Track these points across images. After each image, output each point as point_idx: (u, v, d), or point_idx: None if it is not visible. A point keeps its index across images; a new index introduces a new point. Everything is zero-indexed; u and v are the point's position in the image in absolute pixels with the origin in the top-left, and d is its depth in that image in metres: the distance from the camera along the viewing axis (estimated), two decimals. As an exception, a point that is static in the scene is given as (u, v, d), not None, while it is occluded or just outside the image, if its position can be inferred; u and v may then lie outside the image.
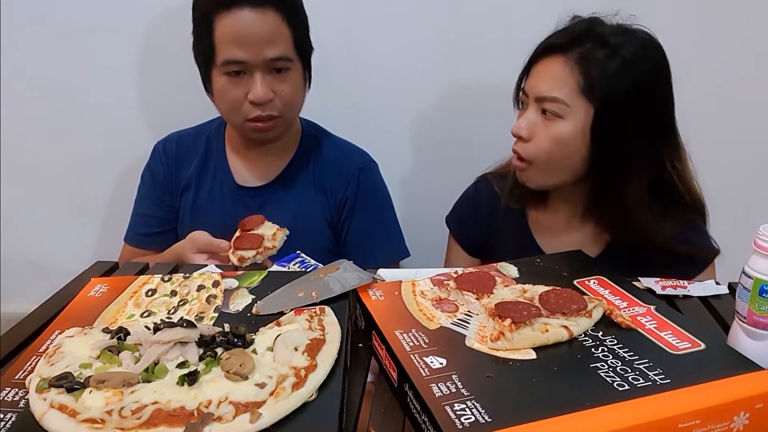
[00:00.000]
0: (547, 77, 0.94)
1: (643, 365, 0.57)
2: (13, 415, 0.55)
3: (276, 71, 1.06)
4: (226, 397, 0.54)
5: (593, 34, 0.92)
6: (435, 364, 0.58)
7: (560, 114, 0.92)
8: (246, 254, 0.95)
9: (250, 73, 1.04)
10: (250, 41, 1.01)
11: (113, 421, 0.52)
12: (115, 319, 0.72)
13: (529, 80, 0.97)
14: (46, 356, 0.62)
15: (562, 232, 1.06)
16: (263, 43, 1.02)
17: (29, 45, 1.41)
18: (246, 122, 1.08)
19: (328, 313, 0.70)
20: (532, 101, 0.95)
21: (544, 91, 0.93)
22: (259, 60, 1.03)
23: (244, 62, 1.02)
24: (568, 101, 0.92)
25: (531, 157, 0.96)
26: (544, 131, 0.94)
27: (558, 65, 0.92)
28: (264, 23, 1.02)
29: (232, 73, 1.04)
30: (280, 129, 1.12)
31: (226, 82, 1.05)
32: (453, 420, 0.50)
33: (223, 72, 1.04)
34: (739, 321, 0.67)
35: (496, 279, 0.76)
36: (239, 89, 1.05)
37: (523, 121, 0.96)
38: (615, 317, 0.66)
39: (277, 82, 1.06)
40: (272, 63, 1.04)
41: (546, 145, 0.95)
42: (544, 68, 0.94)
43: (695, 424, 0.51)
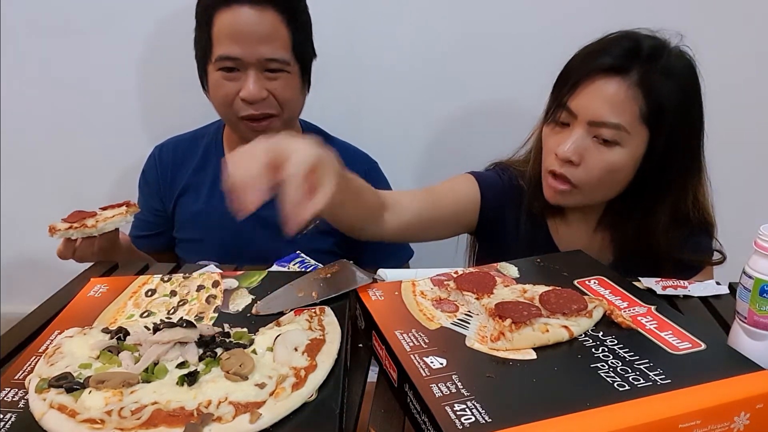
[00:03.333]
0: (605, 101, 0.86)
1: (643, 365, 0.57)
2: (12, 415, 0.55)
3: (270, 71, 1.05)
4: (225, 398, 0.54)
5: (654, 56, 0.86)
6: (435, 364, 0.58)
7: (618, 141, 0.87)
8: (58, 225, 0.96)
9: (243, 70, 1.04)
10: (246, 38, 1.01)
11: (113, 422, 0.52)
12: (115, 319, 0.72)
13: (579, 99, 0.88)
14: (45, 356, 0.62)
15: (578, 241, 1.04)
16: (259, 42, 1.02)
17: (29, 45, 1.41)
18: (240, 120, 1.07)
19: (328, 313, 0.70)
20: (582, 123, 0.88)
21: (603, 116, 0.86)
22: (252, 58, 1.02)
23: (238, 59, 1.02)
24: (629, 128, 0.86)
25: (578, 182, 0.90)
26: (596, 157, 0.88)
27: (618, 88, 0.85)
28: (262, 21, 1.02)
29: (226, 69, 1.04)
30: (277, 128, 1.11)
31: (220, 78, 1.04)
32: (453, 420, 0.50)
33: (217, 67, 1.04)
34: (740, 321, 0.67)
35: (496, 279, 0.75)
36: (232, 85, 1.04)
37: (571, 143, 0.88)
38: (615, 317, 0.66)
39: (271, 81, 1.05)
40: (266, 63, 1.04)
41: (597, 172, 0.89)
42: (600, 90, 0.86)
43: (696, 424, 0.51)
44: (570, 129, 0.90)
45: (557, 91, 0.94)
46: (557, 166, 0.91)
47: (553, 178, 0.93)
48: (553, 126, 0.93)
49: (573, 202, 0.96)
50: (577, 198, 0.94)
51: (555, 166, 0.92)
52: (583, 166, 0.89)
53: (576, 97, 0.88)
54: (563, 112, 0.90)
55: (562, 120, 0.91)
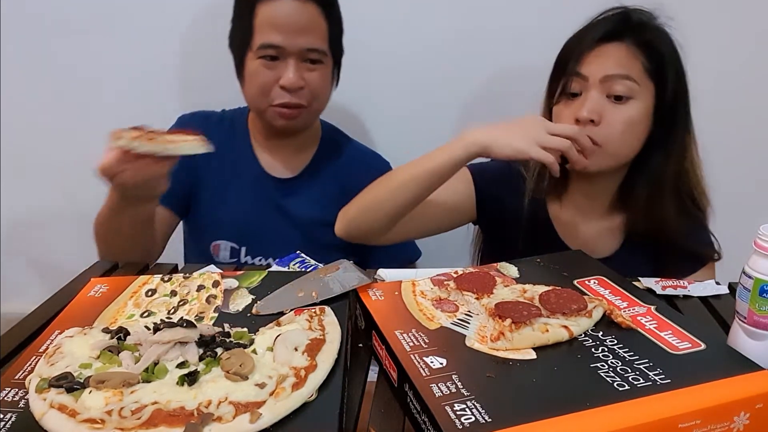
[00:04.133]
0: (612, 59, 0.93)
1: (643, 365, 0.57)
2: (13, 415, 0.55)
3: (308, 62, 1.09)
4: (226, 397, 0.54)
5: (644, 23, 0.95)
6: (435, 364, 0.58)
7: (631, 95, 0.93)
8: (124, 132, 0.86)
9: (283, 59, 1.08)
10: (288, 28, 1.06)
11: (113, 421, 0.52)
12: (115, 319, 0.72)
13: (587, 64, 0.94)
14: (46, 356, 0.62)
15: (581, 227, 1.07)
16: (301, 32, 1.06)
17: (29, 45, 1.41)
18: (271, 107, 1.10)
19: (328, 313, 0.70)
20: (596, 83, 0.93)
21: (613, 69, 0.92)
22: (294, 47, 1.06)
23: (281, 47, 1.06)
24: (638, 80, 0.93)
25: (603, 141, 0.94)
26: (614, 113, 0.93)
27: (620, 50, 0.93)
28: (304, 13, 1.07)
29: (267, 58, 1.07)
30: (304, 120, 1.15)
31: (260, 66, 1.08)
32: (453, 420, 0.50)
33: (258, 55, 1.08)
34: (740, 321, 0.67)
35: (496, 279, 0.75)
36: (271, 73, 1.08)
37: (588, 103, 0.93)
38: (615, 317, 0.66)
39: (308, 71, 1.10)
40: (306, 53, 1.08)
41: (618, 127, 0.93)
42: (605, 52, 0.94)
43: (695, 424, 0.51)
44: (583, 95, 0.95)
45: (558, 72, 0.99)
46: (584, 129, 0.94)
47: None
48: (564, 101, 0.98)
49: (600, 164, 0.96)
50: (604, 158, 0.96)
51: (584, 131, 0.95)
52: (604, 124, 0.93)
53: (583, 64, 0.94)
54: (573, 80, 0.95)
55: (573, 90, 0.96)
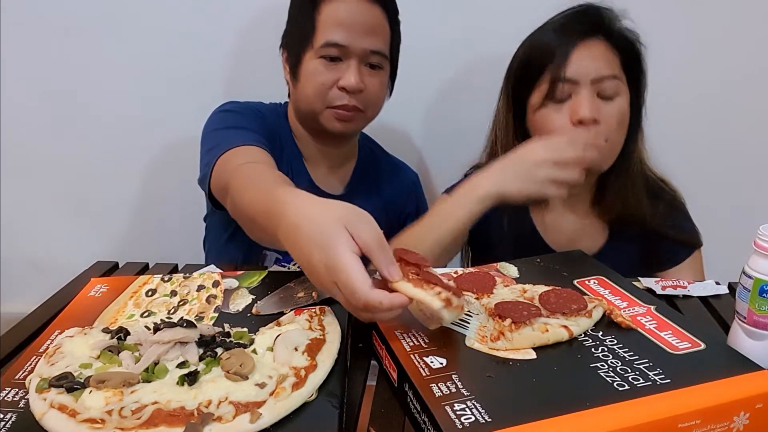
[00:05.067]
0: (598, 58, 0.94)
1: (643, 365, 0.57)
2: (13, 415, 0.55)
3: (369, 66, 1.07)
4: (226, 397, 0.54)
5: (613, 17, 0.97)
6: (435, 364, 0.58)
7: (618, 92, 0.95)
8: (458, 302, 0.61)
9: (345, 59, 1.05)
10: (354, 28, 1.03)
11: (113, 421, 0.52)
12: (115, 319, 0.72)
13: (574, 66, 0.94)
14: (46, 356, 0.62)
15: (567, 230, 1.08)
16: (366, 33, 1.04)
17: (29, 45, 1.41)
18: (328, 108, 1.07)
19: (328, 313, 0.70)
20: (586, 85, 0.94)
21: (603, 70, 0.93)
22: (358, 48, 1.04)
23: (344, 47, 1.03)
24: (620, 77, 0.95)
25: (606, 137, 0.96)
26: (607, 111, 0.94)
27: (600, 47, 0.95)
28: (370, 14, 1.05)
29: (329, 58, 1.04)
30: (357, 125, 1.12)
31: (320, 65, 1.05)
32: (453, 420, 0.50)
33: (319, 55, 1.05)
34: (739, 321, 0.67)
35: (496, 279, 0.76)
36: (331, 74, 1.05)
37: (587, 105, 0.93)
38: (615, 317, 0.66)
39: (369, 75, 1.07)
40: (369, 56, 1.06)
41: (614, 124, 0.95)
42: (590, 51, 0.94)
43: (695, 424, 0.51)
44: (575, 96, 0.94)
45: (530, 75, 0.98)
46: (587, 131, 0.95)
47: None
48: (550, 105, 0.96)
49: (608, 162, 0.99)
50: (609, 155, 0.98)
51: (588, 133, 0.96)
52: (603, 123, 0.94)
53: (570, 65, 0.94)
54: (560, 84, 0.94)
55: (561, 95, 0.95)
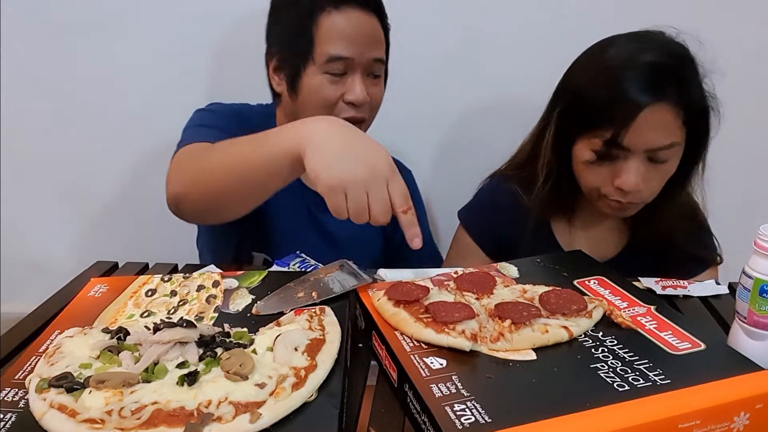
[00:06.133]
0: (658, 128, 0.88)
1: (643, 365, 0.57)
2: (13, 415, 0.55)
3: (370, 76, 1.07)
4: (226, 397, 0.54)
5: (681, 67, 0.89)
6: (435, 364, 0.58)
7: (673, 156, 0.91)
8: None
9: (350, 73, 1.04)
10: (357, 39, 1.02)
11: (113, 422, 0.52)
12: (115, 319, 0.72)
13: (630, 135, 0.87)
14: (46, 356, 0.62)
15: (586, 235, 1.08)
16: (368, 43, 1.04)
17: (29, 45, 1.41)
18: None
19: (328, 313, 0.70)
20: (639, 153, 0.89)
21: (659, 142, 0.88)
22: (363, 59, 1.03)
23: (350, 59, 1.02)
24: (680, 140, 0.90)
25: (644, 201, 0.95)
26: (655, 176, 0.92)
27: (663, 114, 0.87)
28: (370, 24, 1.04)
29: (334, 72, 1.03)
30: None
31: (325, 80, 1.03)
32: (453, 420, 0.50)
33: (323, 70, 1.03)
34: (740, 321, 0.67)
35: (496, 279, 0.75)
36: (337, 88, 1.04)
37: (634, 176, 0.90)
38: (615, 317, 0.66)
39: (371, 85, 1.07)
40: (372, 65, 1.05)
41: (658, 186, 0.94)
42: (649, 121, 0.87)
43: (695, 424, 0.51)
44: (624, 161, 0.91)
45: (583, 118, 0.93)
46: (620, 196, 0.93)
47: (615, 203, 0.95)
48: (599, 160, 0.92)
49: (634, 212, 0.99)
50: (637, 207, 0.97)
51: (618, 197, 0.94)
52: (646, 188, 0.92)
53: (626, 136, 0.88)
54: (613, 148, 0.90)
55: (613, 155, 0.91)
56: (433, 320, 0.63)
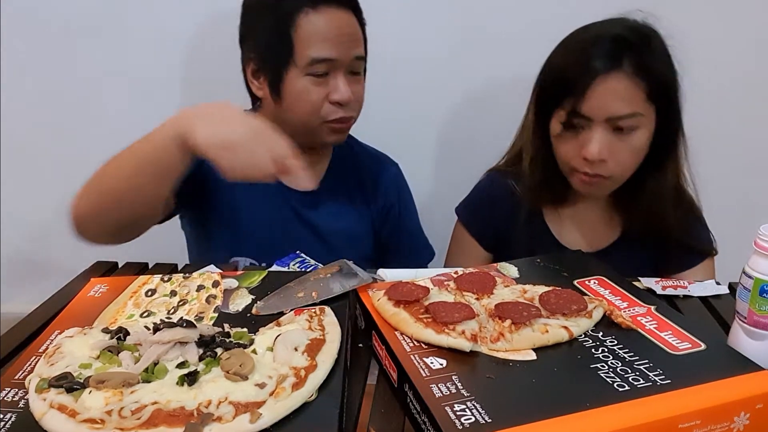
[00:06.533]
0: (616, 96, 0.90)
1: (643, 366, 0.57)
2: (13, 415, 0.55)
3: (352, 74, 1.05)
4: (226, 397, 0.54)
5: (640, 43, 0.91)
6: (435, 364, 0.58)
7: (638, 125, 0.92)
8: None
9: (333, 73, 1.03)
10: (339, 39, 1.01)
11: (113, 422, 0.52)
12: (115, 319, 0.72)
13: (589, 103, 0.90)
14: (45, 356, 0.62)
15: (580, 224, 1.09)
16: (349, 42, 1.02)
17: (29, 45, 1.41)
18: (325, 123, 1.05)
19: (328, 313, 0.70)
20: (600, 122, 0.91)
21: (618, 110, 0.90)
22: (346, 58, 1.02)
23: (333, 60, 1.01)
24: (642, 111, 0.91)
25: (611, 174, 0.95)
26: (622, 147, 0.93)
27: (621, 82, 0.89)
28: (348, 23, 1.03)
29: (317, 74, 1.01)
30: (348, 131, 1.12)
31: (309, 83, 1.02)
32: (453, 420, 0.50)
33: (306, 72, 1.01)
34: (740, 321, 0.67)
35: (496, 279, 0.75)
36: (321, 90, 1.02)
37: (596, 144, 0.91)
38: (615, 317, 0.66)
39: (354, 83, 1.06)
40: (353, 63, 1.04)
41: (627, 159, 0.94)
42: (607, 88, 0.90)
43: (695, 424, 0.51)
44: (588, 130, 0.93)
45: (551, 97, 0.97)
46: (588, 167, 0.94)
47: (584, 175, 0.96)
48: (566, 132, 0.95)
49: (607, 189, 1.00)
50: (609, 185, 0.98)
51: (585, 168, 0.95)
52: (612, 159, 0.93)
53: (586, 102, 0.91)
54: (576, 118, 0.92)
55: (577, 125, 0.93)
56: (433, 320, 0.63)
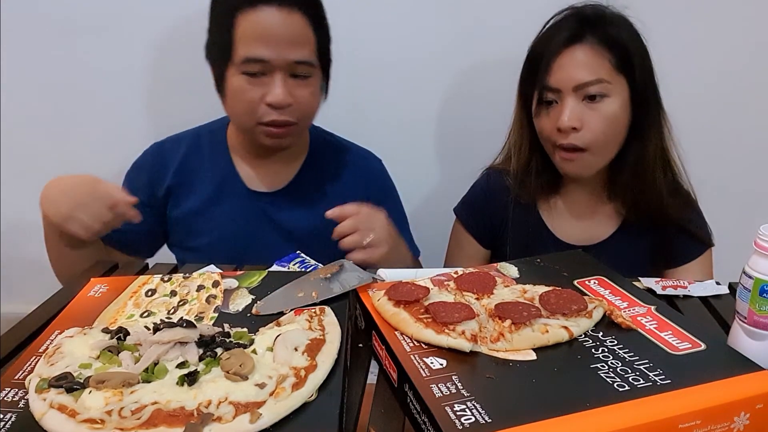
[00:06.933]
0: (579, 65, 0.95)
1: (643, 366, 0.57)
2: (13, 415, 0.55)
3: (296, 77, 1.02)
4: (225, 398, 0.54)
5: (602, 17, 0.96)
6: (435, 364, 0.58)
7: (606, 93, 0.95)
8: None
9: (269, 74, 1.00)
10: (274, 40, 0.98)
11: (113, 422, 0.52)
12: (115, 319, 0.72)
13: (555, 75, 0.96)
14: (45, 356, 0.62)
15: (576, 217, 1.10)
16: (287, 44, 0.99)
17: (29, 45, 1.41)
18: (259, 125, 1.03)
19: (328, 313, 0.70)
20: (569, 92, 0.96)
21: (583, 77, 0.94)
22: (281, 61, 0.99)
23: (266, 61, 0.99)
24: (610, 79, 0.95)
25: (587, 144, 0.97)
26: (593, 115, 0.96)
27: (584, 52, 0.95)
28: (290, 24, 0.99)
29: (251, 74, 1.00)
30: (293, 138, 1.09)
31: (244, 82, 1.00)
32: (453, 420, 0.50)
33: (241, 71, 1.00)
34: (740, 321, 0.67)
35: (496, 279, 0.75)
36: (257, 90, 1.00)
37: (567, 112, 0.95)
38: (615, 317, 0.66)
39: (297, 87, 1.02)
40: (294, 67, 1.01)
41: (600, 127, 0.96)
42: (571, 59, 0.95)
43: (695, 424, 0.51)
44: (559, 103, 0.97)
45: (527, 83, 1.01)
46: (563, 138, 0.98)
47: (563, 151, 0.99)
48: (543, 112, 1.00)
49: (589, 166, 1.01)
50: (591, 160, 1.00)
51: (562, 140, 0.98)
52: (585, 128, 0.96)
53: (552, 74, 0.96)
54: (547, 92, 0.98)
55: (548, 99, 0.98)
56: (433, 321, 0.63)
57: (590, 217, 1.09)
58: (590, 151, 0.98)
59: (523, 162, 1.07)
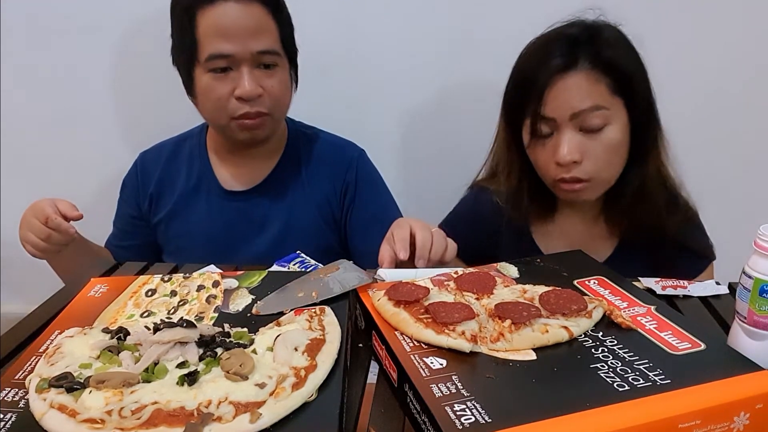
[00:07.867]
0: (575, 92, 0.89)
1: (643, 365, 0.57)
2: (13, 415, 0.55)
3: (263, 67, 1.03)
4: (226, 397, 0.54)
5: (593, 38, 0.90)
6: (435, 364, 0.58)
7: (604, 121, 0.90)
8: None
9: (236, 68, 1.01)
10: (236, 34, 0.99)
11: (113, 422, 0.52)
12: (115, 319, 0.72)
13: (549, 105, 0.90)
14: (46, 356, 0.62)
15: (572, 242, 1.04)
16: (249, 36, 0.99)
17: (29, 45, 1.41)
18: (232, 120, 1.04)
19: (328, 313, 0.70)
20: (565, 122, 0.90)
21: (579, 104, 0.88)
22: (246, 53, 1.00)
23: (231, 56, 0.99)
24: (607, 104, 0.89)
25: (590, 175, 0.92)
26: (593, 145, 0.90)
27: (579, 79, 0.88)
28: (250, 15, 1.00)
29: (218, 70, 1.00)
30: (269, 128, 1.09)
31: (211, 80, 1.01)
32: (453, 420, 0.50)
33: (207, 69, 1.01)
34: (739, 321, 0.67)
35: (496, 279, 0.75)
36: (225, 86, 1.01)
37: (566, 145, 0.90)
38: (615, 317, 0.66)
39: (265, 77, 1.03)
40: (259, 57, 1.01)
41: (603, 156, 0.91)
42: (566, 86, 0.89)
43: (695, 424, 0.51)
44: (556, 135, 0.92)
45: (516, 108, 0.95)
46: (564, 172, 0.92)
47: (565, 183, 0.94)
48: (536, 142, 0.94)
49: (594, 192, 0.96)
50: (595, 188, 0.95)
51: (562, 173, 0.93)
52: (587, 160, 0.91)
53: (547, 104, 0.90)
54: (541, 123, 0.92)
55: (544, 132, 0.92)
56: (433, 321, 0.63)
57: (587, 241, 1.04)
58: (594, 182, 0.93)
59: (513, 186, 1.02)
